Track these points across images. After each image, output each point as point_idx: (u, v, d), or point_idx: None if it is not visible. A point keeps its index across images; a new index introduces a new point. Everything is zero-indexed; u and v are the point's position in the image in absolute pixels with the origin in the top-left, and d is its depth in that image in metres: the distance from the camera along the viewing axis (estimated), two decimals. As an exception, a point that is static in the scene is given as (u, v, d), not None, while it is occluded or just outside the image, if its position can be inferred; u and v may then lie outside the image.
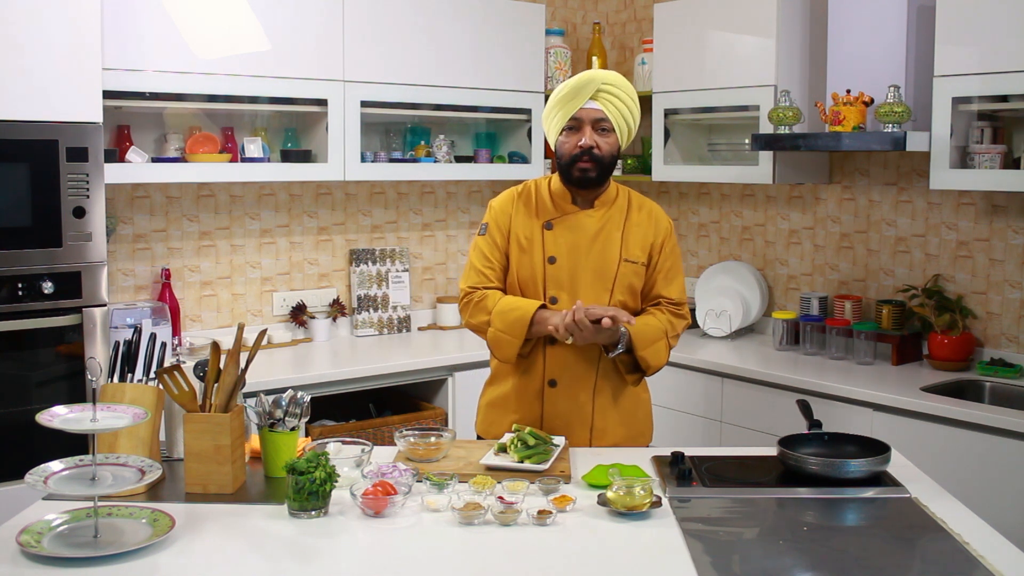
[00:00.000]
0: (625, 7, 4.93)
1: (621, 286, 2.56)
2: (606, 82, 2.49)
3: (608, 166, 2.54)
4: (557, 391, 2.57)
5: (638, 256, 2.58)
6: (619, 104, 2.51)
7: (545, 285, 2.56)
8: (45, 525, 1.87)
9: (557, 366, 2.56)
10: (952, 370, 3.55)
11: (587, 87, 2.48)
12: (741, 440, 3.65)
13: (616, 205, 2.61)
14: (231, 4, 3.54)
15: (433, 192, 4.53)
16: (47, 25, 2.94)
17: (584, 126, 2.51)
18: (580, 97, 2.49)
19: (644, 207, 2.65)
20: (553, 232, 2.57)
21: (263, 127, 3.96)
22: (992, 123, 3.39)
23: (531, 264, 2.56)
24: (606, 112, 2.50)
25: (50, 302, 3.02)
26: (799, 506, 2.10)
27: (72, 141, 3.02)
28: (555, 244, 2.56)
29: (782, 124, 3.71)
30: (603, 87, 2.49)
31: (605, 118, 2.50)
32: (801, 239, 4.24)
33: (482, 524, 1.95)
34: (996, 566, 1.76)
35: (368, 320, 4.29)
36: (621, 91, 2.52)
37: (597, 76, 2.50)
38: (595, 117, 2.50)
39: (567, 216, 2.58)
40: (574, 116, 2.50)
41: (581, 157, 2.50)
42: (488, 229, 2.63)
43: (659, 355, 2.57)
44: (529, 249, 2.57)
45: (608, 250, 2.56)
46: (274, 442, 2.22)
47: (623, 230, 2.58)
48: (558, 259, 2.55)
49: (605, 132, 2.51)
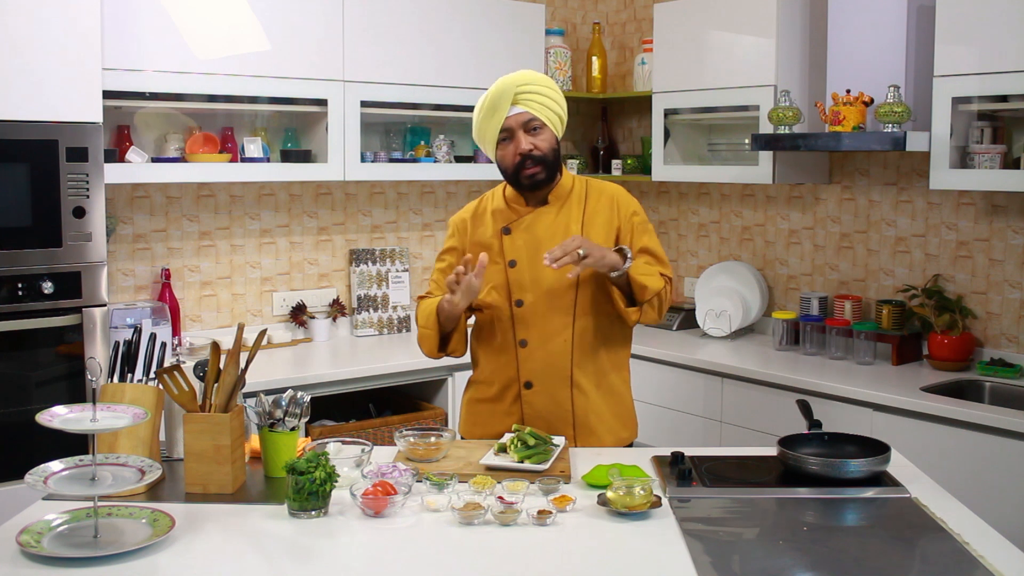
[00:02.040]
0: (625, 7, 4.93)
1: (586, 281, 2.55)
2: (520, 84, 2.48)
3: (553, 162, 2.54)
4: (534, 392, 2.57)
5: (601, 244, 2.54)
6: (541, 99, 2.50)
7: (509, 289, 2.56)
8: (45, 525, 1.87)
9: (530, 368, 2.56)
10: (952, 370, 3.55)
11: (504, 96, 2.47)
12: (741, 440, 3.65)
13: (573, 196, 2.60)
14: (231, 4, 3.54)
15: (433, 192, 4.53)
16: (47, 25, 2.94)
17: (516, 132, 2.50)
18: (501, 108, 2.48)
19: (604, 193, 2.62)
20: (511, 236, 2.57)
21: (263, 127, 3.97)
22: (992, 123, 3.39)
23: (493, 270, 2.57)
24: (532, 112, 2.49)
25: (50, 302, 3.02)
26: (799, 506, 2.10)
27: (72, 141, 3.02)
28: (514, 248, 2.57)
29: (782, 124, 3.71)
30: (519, 89, 2.48)
31: (533, 118, 2.49)
32: (801, 239, 4.24)
33: (482, 524, 1.95)
34: (996, 566, 1.76)
35: (368, 320, 4.29)
36: (538, 86, 2.50)
37: (510, 81, 2.48)
38: (523, 120, 2.49)
39: (523, 218, 2.58)
40: (503, 128, 2.50)
41: (524, 164, 2.50)
42: (444, 252, 2.70)
43: (655, 279, 2.51)
44: (490, 257, 2.57)
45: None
46: (274, 442, 2.22)
47: (582, 220, 2.57)
48: (519, 262, 2.55)
49: (537, 131, 2.51)
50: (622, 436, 2.66)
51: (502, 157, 2.54)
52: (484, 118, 2.52)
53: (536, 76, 2.52)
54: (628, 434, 2.68)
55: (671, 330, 4.39)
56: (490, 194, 2.70)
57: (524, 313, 2.55)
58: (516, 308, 2.56)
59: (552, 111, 2.53)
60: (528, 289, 2.55)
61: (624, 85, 4.91)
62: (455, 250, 2.67)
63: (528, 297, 2.55)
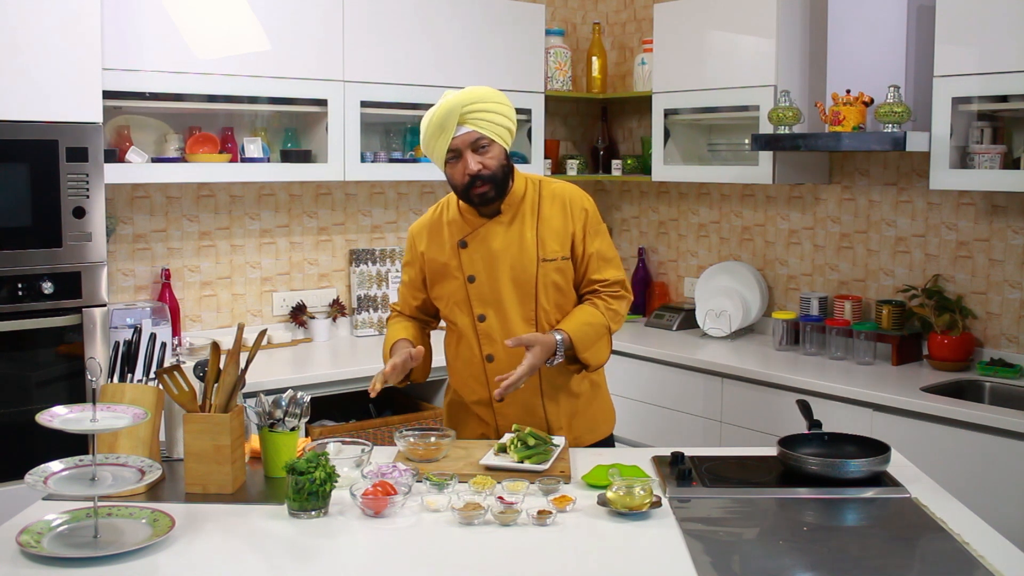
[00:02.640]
0: (625, 7, 4.93)
1: (544, 289, 2.53)
2: (467, 103, 2.41)
3: (502, 179, 2.49)
4: (506, 405, 2.57)
5: (556, 251, 2.53)
6: (488, 116, 2.44)
7: (471, 305, 2.55)
8: (45, 525, 1.87)
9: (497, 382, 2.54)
10: (952, 370, 3.55)
11: (451, 116, 2.41)
12: (741, 440, 3.65)
13: (526, 202, 2.56)
14: (231, 4, 3.54)
15: (433, 192, 4.53)
16: (47, 25, 2.94)
17: (464, 153, 2.45)
18: (448, 128, 2.42)
19: (557, 196, 2.57)
20: (468, 250, 2.55)
21: (263, 127, 3.97)
22: (992, 123, 3.39)
23: (453, 286, 2.57)
24: (478, 130, 2.43)
25: (50, 302, 3.02)
26: (799, 506, 2.10)
27: (72, 141, 3.02)
28: (471, 262, 2.54)
29: (782, 124, 3.71)
30: (465, 109, 2.41)
31: (481, 136, 2.43)
32: (801, 239, 4.24)
33: (482, 524, 1.95)
34: (996, 566, 1.76)
35: (368, 320, 4.29)
36: (485, 103, 2.44)
37: (456, 102, 2.41)
38: (470, 140, 2.44)
39: (477, 231, 2.55)
40: (450, 148, 2.45)
41: (473, 183, 2.46)
42: (404, 257, 2.71)
43: (600, 354, 2.55)
44: (447, 273, 2.57)
45: (524, 255, 2.52)
46: (274, 442, 2.22)
47: (536, 228, 2.54)
48: (477, 277, 2.54)
49: (485, 149, 2.45)
50: (602, 430, 2.67)
51: (451, 175, 2.50)
52: (431, 136, 2.46)
53: (483, 93, 2.46)
54: (607, 427, 2.70)
55: (671, 330, 4.39)
56: (445, 203, 2.65)
57: (487, 328, 2.54)
58: (479, 323, 2.55)
59: (501, 126, 2.47)
60: (489, 303, 2.54)
61: (624, 85, 4.91)
62: (412, 264, 2.67)
63: (489, 312, 2.54)
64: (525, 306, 2.53)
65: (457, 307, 2.57)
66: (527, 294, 2.53)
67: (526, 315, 2.53)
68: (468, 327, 2.56)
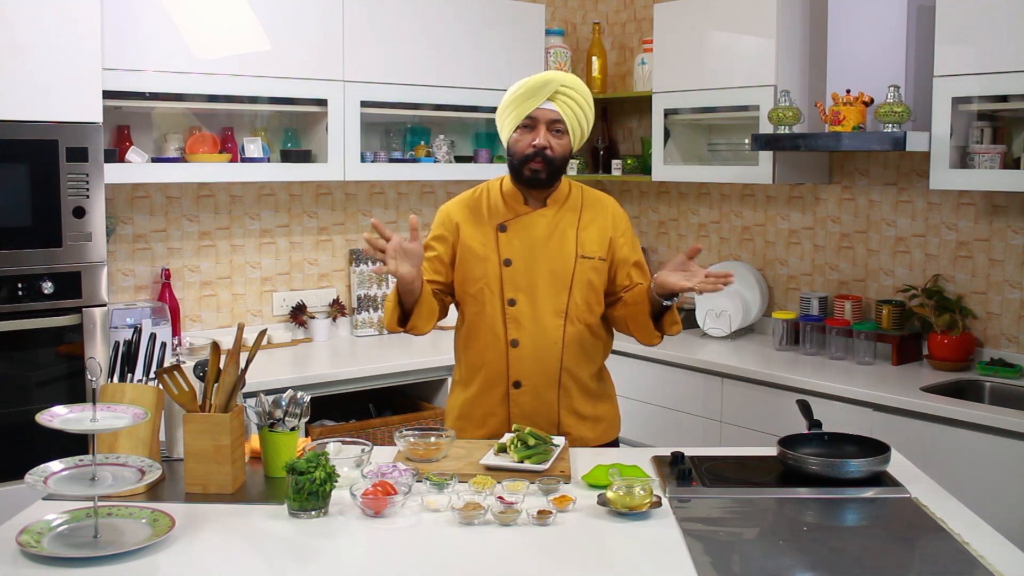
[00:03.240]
0: (625, 7, 4.93)
1: (580, 284, 2.56)
2: (564, 84, 2.49)
3: (559, 168, 2.54)
4: (522, 392, 2.57)
5: (595, 252, 2.58)
6: (575, 107, 2.51)
7: (503, 288, 2.55)
8: (45, 525, 1.87)
9: (520, 368, 2.56)
10: (952, 370, 3.55)
11: (545, 87, 2.48)
12: (741, 440, 3.65)
13: (569, 202, 2.61)
14: (231, 4, 3.54)
15: (433, 192, 4.53)
16: (47, 25, 2.94)
17: (539, 126, 2.50)
18: (537, 97, 2.48)
19: (598, 202, 2.65)
20: (507, 234, 2.57)
21: (263, 127, 3.97)
22: (992, 123, 3.39)
23: (487, 268, 2.56)
24: (562, 114, 2.50)
25: (50, 302, 3.02)
26: (799, 506, 2.10)
27: (72, 141, 3.02)
28: (509, 246, 2.56)
29: (782, 124, 3.71)
30: (561, 89, 2.48)
31: (560, 119, 2.50)
32: (801, 239, 4.24)
33: (482, 524, 1.95)
34: (996, 566, 1.76)
35: (368, 320, 4.29)
36: (578, 94, 2.51)
37: (556, 77, 2.49)
38: (550, 118, 2.50)
39: (520, 217, 2.58)
40: (530, 115, 2.50)
41: (533, 157, 2.50)
42: (429, 234, 2.66)
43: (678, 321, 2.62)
44: (484, 254, 2.57)
45: (564, 248, 2.56)
46: (274, 442, 2.22)
47: (578, 227, 2.58)
48: (514, 261, 2.55)
49: (559, 134, 2.51)
50: (605, 434, 2.68)
51: (515, 142, 2.53)
52: (516, 100, 2.50)
53: (580, 84, 2.53)
54: (611, 432, 2.71)
55: (671, 330, 4.39)
56: (485, 187, 2.67)
57: (516, 313, 2.55)
58: (509, 307, 2.55)
59: (579, 122, 2.54)
60: (522, 289, 2.55)
61: (624, 85, 4.91)
62: (444, 239, 2.62)
63: (521, 297, 2.55)
64: (558, 298, 2.55)
65: (487, 289, 2.56)
66: (563, 286, 2.55)
67: (557, 307, 2.55)
68: (496, 310, 2.56)
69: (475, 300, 2.59)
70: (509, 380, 2.57)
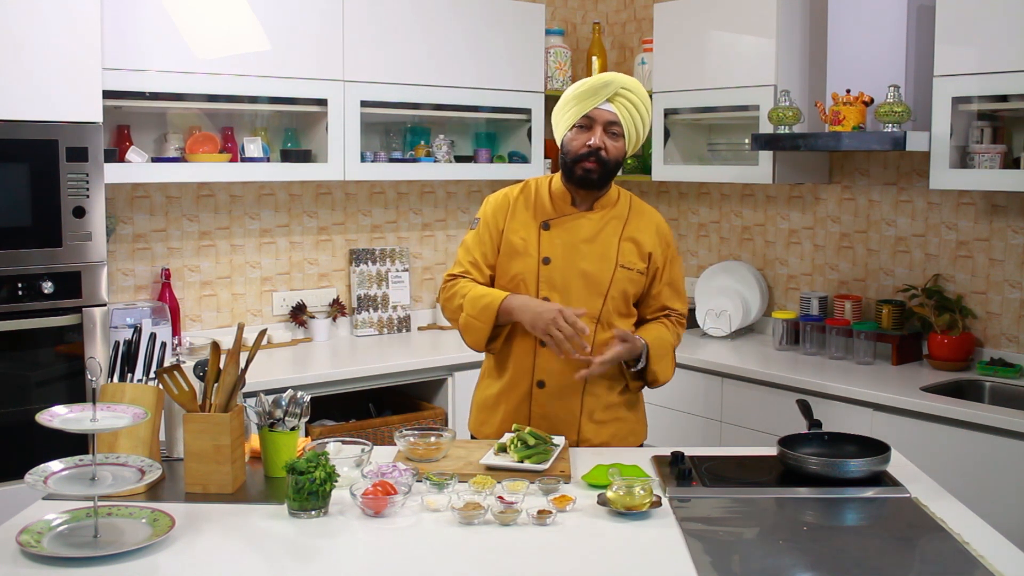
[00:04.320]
0: (625, 7, 4.93)
1: (616, 292, 2.54)
2: (625, 87, 2.48)
3: (611, 170, 2.53)
4: (545, 392, 2.56)
5: (635, 263, 2.56)
6: (634, 111, 2.50)
7: (538, 285, 2.54)
8: (45, 525, 1.87)
9: (546, 367, 2.55)
10: (952, 370, 3.55)
11: (607, 88, 2.47)
12: (741, 440, 3.65)
13: (616, 209, 2.60)
14: (231, 4, 3.54)
15: (433, 192, 4.53)
16: (47, 25, 2.94)
17: (596, 126, 2.49)
18: (598, 96, 2.47)
19: (645, 214, 2.63)
20: (550, 232, 2.56)
21: (263, 127, 3.96)
22: (992, 123, 3.39)
23: (525, 263, 2.55)
24: (620, 117, 2.49)
25: (50, 302, 3.02)
26: (799, 506, 2.10)
27: (72, 141, 3.02)
28: (551, 244, 2.55)
29: (782, 124, 3.71)
30: (621, 91, 2.48)
31: (618, 122, 2.49)
32: (801, 239, 4.24)
33: (482, 524, 1.95)
34: (996, 566, 1.76)
35: (368, 320, 4.29)
36: (638, 99, 2.51)
37: (618, 79, 2.48)
38: (608, 119, 2.49)
39: (565, 217, 2.57)
40: (587, 115, 2.49)
41: (587, 157, 2.48)
42: (479, 224, 2.63)
43: (667, 370, 2.61)
44: (524, 249, 2.56)
45: (605, 254, 2.55)
46: (274, 442, 2.22)
47: (621, 235, 2.57)
48: (553, 260, 2.54)
49: (615, 136, 2.50)
50: (629, 442, 2.65)
51: (570, 140, 2.52)
52: (576, 98, 2.49)
53: (641, 89, 2.52)
54: (635, 439, 2.67)
55: (671, 330, 4.39)
56: (534, 183, 2.66)
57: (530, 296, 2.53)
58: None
59: (636, 127, 2.53)
60: (557, 288, 2.53)
61: (624, 85, 4.90)
62: (494, 227, 2.60)
63: (556, 296, 2.53)
64: (592, 302, 2.53)
65: (523, 284, 2.55)
66: (598, 292, 2.54)
67: (591, 311, 2.53)
68: None
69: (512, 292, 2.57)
70: (533, 378, 2.56)
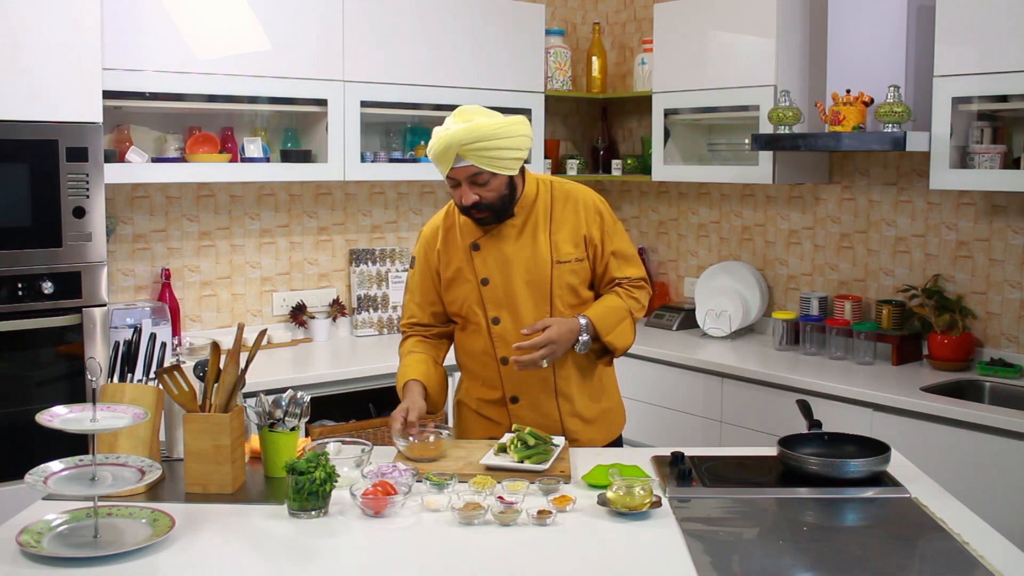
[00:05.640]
0: (625, 7, 4.93)
1: (559, 290, 2.53)
2: (464, 142, 2.34)
3: (503, 205, 2.46)
4: (521, 406, 2.57)
5: (570, 253, 2.53)
6: (489, 153, 2.37)
7: (484, 307, 2.54)
8: (45, 525, 1.87)
9: (515, 384, 2.55)
10: (952, 370, 3.55)
11: (447, 153, 2.37)
12: (741, 440, 3.65)
13: (538, 204, 2.55)
14: (231, 4, 3.54)
15: (433, 192, 4.53)
16: (47, 25, 2.94)
17: (462, 183, 2.42)
18: (445, 162, 2.39)
19: (569, 198, 2.56)
20: (481, 253, 2.54)
21: (263, 127, 3.96)
22: (992, 123, 3.39)
23: (466, 290, 2.55)
24: (477, 166, 2.38)
25: (50, 302, 3.02)
26: (799, 506, 2.10)
27: (72, 141, 3.02)
28: (484, 265, 2.53)
29: (782, 124, 3.71)
30: (463, 149, 2.35)
31: (479, 172, 2.39)
32: (801, 239, 4.24)
33: (482, 524, 1.95)
34: (996, 566, 1.76)
35: (368, 320, 4.29)
36: (485, 141, 2.35)
37: (454, 140, 2.34)
38: (468, 174, 2.40)
39: (490, 233, 2.53)
40: (449, 176, 2.43)
41: (468, 211, 2.46)
42: (416, 264, 2.65)
43: (625, 336, 2.55)
44: (461, 276, 2.56)
45: (538, 258, 2.52)
46: (274, 442, 2.22)
47: (549, 230, 2.53)
48: (491, 280, 2.53)
49: (485, 184, 2.42)
50: (612, 431, 2.67)
51: (453, 196, 2.49)
52: (434, 159, 2.43)
53: (486, 130, 2.35)
54: (616, 428, 2.70)
55: (671, 330, 4.39)
56: (454, 207, 2.61)
57: (502, 331, 2.54)
58: (493, 326, 2.54)
59: (505, 159, 2.40)
60: (503, 306, 2.53)
61: (624, 85, 4.91)
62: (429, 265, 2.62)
63: (504, 314, 2.53)
64: (540, 309, 2.53)
65: (471, 310, 2.56)
66: (542, 297, 2.53)
67: (541, 317, 2.52)
68: (483, 330, 2.56)
69: (464, 320, 2.59)
70: (506, 396, 2.58)
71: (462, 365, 2.69)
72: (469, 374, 2.66)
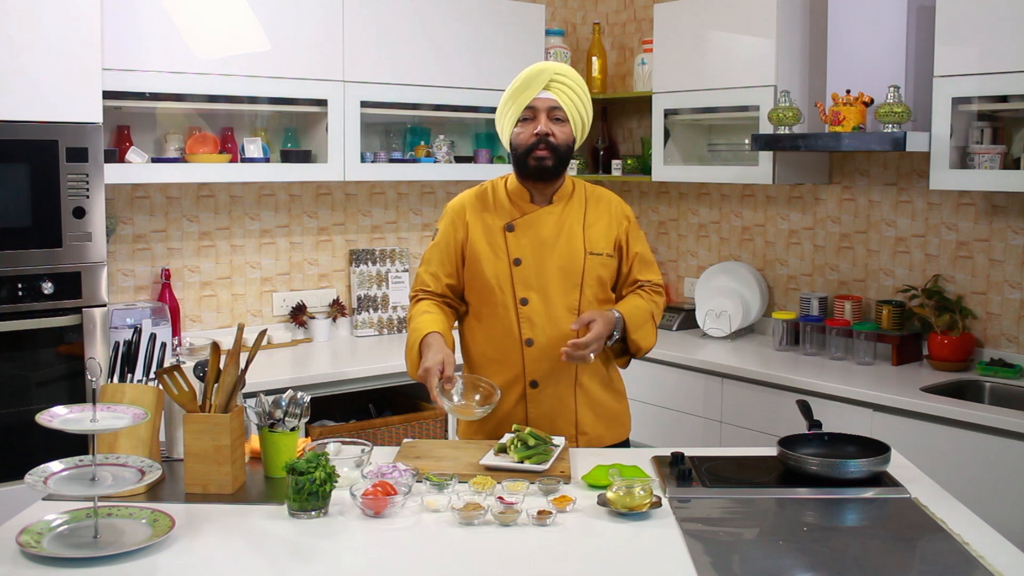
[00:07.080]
0: (625, 7, 4.93)
1: (590, 280, 2.57)
2: (558, 72, 2.50)
3: (564, 156, 2.54)
4: (539, 391, 2.57)
5: (603, 248, 2.58)
6: (572, 95, 2.52)
7: (514, 287, 2.55)
8: (45, 525, 1.87)
9: (536, 368, 2.56)
10: (952, 370, 3.55)
11: (540, 76, 2.49)
12: (741, 440, 3.65)
13: (574, 199, 2.62)
14: (231, 4, 3.54)
15: (433, 192, 4.53)
16: (47, 25, 2.94)
17: (539, 115, 2.51)
18: (534, 87, 2.49)
19: (602, 199, 2.66)
20: (515, 234, 2.57)
21: (263, 127, 3.97)
22: (992, 123, 3.39)
23: (496, 267, 2.56)
24: (560, 101, 2.51)
25: (50, 302, 3.02)
26: (799, 506, 2.10)
27: (72, 141, 3.02)
28: (518, 246, 2.56)
29: (782, 124, 3.71)
30: (555, 77, 2.50)
31: (559, 107, 2.51)
32: (801, 239, 4.24)
33: (482, 524, 1.95)
34: (996, 566, 1.76)
35: (368, 320, 4.29)
36: (573, 82, 2.52)
37: (549, 66, 2.51)
38: (549, 106, 2.51)
39: (527, 216, 2.58)
40: (528, 106, 2.51)
41: (537, 146, 2.50)
42: (438, 235, 2.65)
43: (649, 336, 2.62)
44: (493, 253, 2.57)
45: (572, 245, 2.56)
46: (274, 442, 2.22)
47: (584, 223, 2.59)
48: (523, 260, 2.55)
49: (560, 121, 2.52)
50: (620, 432, 2.69)
51: (517, 135, 2.53)
52: (513, 95, 2.52)
53: (574, 73, 2.54)
54: (624, 430, 2.72)
55: (671, 330, 4.39)
56: (490, 185, 2.66)
57: (529, 312, 2.55)
58: (521, 306, 2.55)
59: (578, 110, 2.54)
60: (533, 288, 2.55)
61: (624, 85, 4.91)
62: (455, 237, 2.61)
63: (533, 296, 2.55)
64: (569, 295, 2.55)
65: (499, 289, 2.56)
66: (573, 284, 2.56)
67: (570, 304, 2.55)
68: (509, 310, 2.55)
69: (487, 300, 2.58)
70: (526, 380, 2.57)
71: (472, 356, 2.66)
72: (478, 364, 2.63)
